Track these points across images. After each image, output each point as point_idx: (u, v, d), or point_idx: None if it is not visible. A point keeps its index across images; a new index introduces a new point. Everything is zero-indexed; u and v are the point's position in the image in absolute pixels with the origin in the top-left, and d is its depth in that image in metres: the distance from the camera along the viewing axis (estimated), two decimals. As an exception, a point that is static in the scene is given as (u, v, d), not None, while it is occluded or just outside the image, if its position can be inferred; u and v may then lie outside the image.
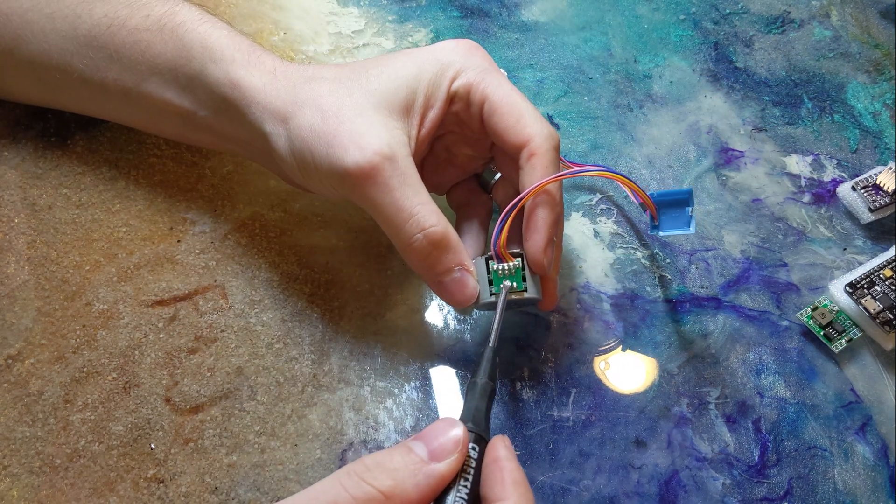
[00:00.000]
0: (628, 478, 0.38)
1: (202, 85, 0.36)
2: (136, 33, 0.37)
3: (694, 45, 0.53)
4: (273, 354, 0.39)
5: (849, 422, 0.40)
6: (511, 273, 0.35)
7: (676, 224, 0.38)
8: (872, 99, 0.51)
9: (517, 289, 0.35)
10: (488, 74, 0.36)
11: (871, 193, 0.45)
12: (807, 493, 0.38)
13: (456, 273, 0.35)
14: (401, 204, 0.33)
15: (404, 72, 0.36)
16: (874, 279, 0.42)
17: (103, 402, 0.37)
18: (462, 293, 0.35)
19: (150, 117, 0.40)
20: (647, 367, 0.41)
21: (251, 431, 0.37)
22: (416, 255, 0.34)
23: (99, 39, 0.37)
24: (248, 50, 0.37)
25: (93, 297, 0.39)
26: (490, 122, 0.36)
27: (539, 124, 0.35)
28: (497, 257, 0.35)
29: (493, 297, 0.35)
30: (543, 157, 0.35)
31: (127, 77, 0.38)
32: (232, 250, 0.41)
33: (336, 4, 0.51)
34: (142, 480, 0.35)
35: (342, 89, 0.35)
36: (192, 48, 0.36)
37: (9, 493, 0.35)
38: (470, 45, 0.37)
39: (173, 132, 0.41)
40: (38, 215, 0.41)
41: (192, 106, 0.37)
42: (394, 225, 0.34)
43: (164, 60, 0.37)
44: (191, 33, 0.37)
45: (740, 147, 0.48)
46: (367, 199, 0.34)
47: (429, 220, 0.34)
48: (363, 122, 0.34)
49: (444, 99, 0.36)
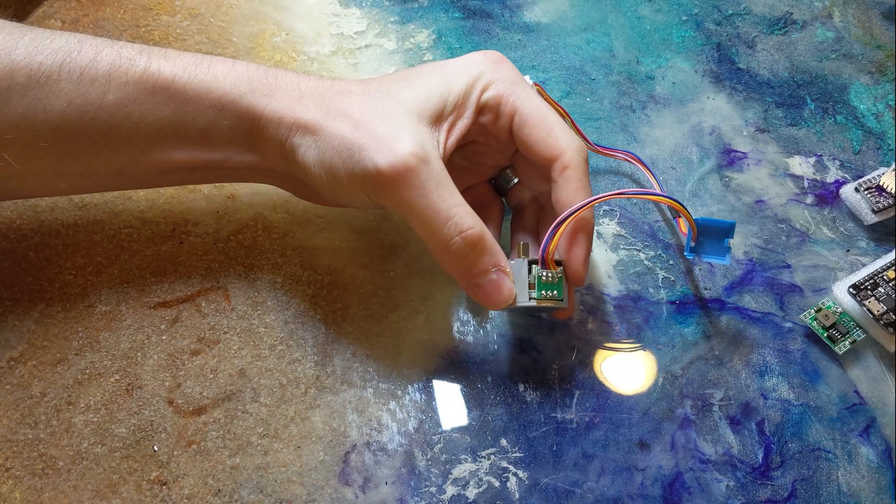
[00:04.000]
0: (632, 480, 0.38)
1: (221, 128, 0.34)
2: (119, 108, 0.32)
3: (696, 46, 0.52)
4: (276, 356, 0.39)
5: (852, 424, 0.40)
6: (554, 281, 0.36)
7: (714, 252, 0.39)
8: (875, 100, 0.51)
9: (557, 297, 0.36)
10: (518, 87, 0.36)
11: (874, 195, 0.45)
12: (811, 495, 0.38)
13: (493, 275, 0.35)
14: (438, 206, 0.33)
15: (434, 83, 0.35)
16: (878, 281, 0.42)
17: (106, 404, 0.37)
18: (499, 294, 0.35)
19: (155, 179, 0.37)
20: (650, 368, 0.41)
21: (254, 433, 0.37)
22: (454, 258, 0.34)
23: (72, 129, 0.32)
24: (261, 75, 0.34)
25: (95, 299, 0.39)
26: (520, 133, 0.36)
27: (569, 137, 0.36)
28: (543, 263, 0.36)
29: (533, 301, 0.35)
30: (577, 169, 0.35)
31: (123, 156, 0.34)
32: (234, 252, 0.41)
33: (338, 5, 0.51)
34: (145, 483, 0.35)
35: (372, 100, 0.34)
36: (198, 100, 0.33)
37: (11, 496, 0.35)
38: (498, 56, 0.37)
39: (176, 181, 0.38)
40: (40, 217, 0.41)
41: (209, 155, 0.35)
42: (431, 228, 0.33)
43: (167, 123, 0.33)
44: (191, 84, 0.33)
45: (743, 148, 0.48)
46: (402, 201, 0.33)
47: (466, 221, 0.33)
48: (395, 126, 0.33)
49: (473, 110, 0.36)
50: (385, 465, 0.37)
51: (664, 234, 0.45)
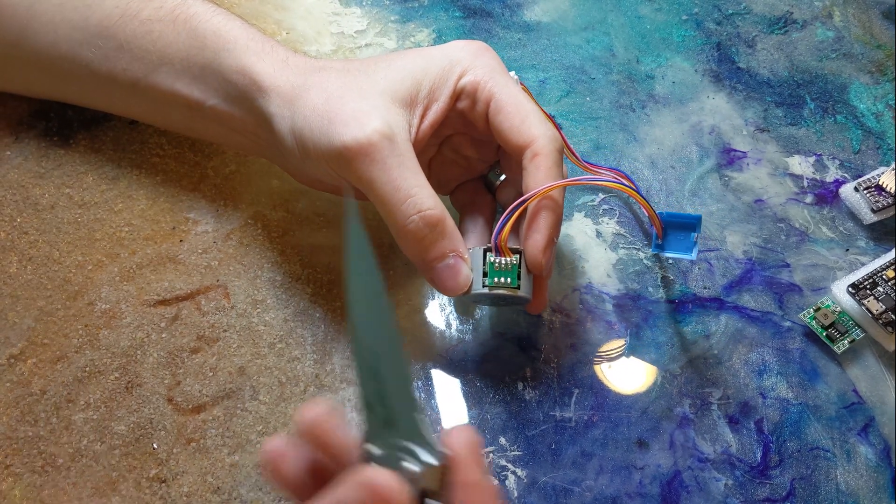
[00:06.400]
0: (630, 478, 0.38)
1: (213, 73, 0.37)
2: (147, 24, 0.37)
3: (696, 46, 0.52)
4: (275, 354, 0.39)
5: (851, 423, 0.40)
6: (507, 268, 0.35)
7: (680, 247, 0.38)
8: (875, 100, 0.51)
9: (511, 285, 0.35)
10: (497, 74, 0.36)
11: (873, 194, 0.45)
12: (809, 494, 0.38)
13: (450, 259, 0.35)
14: (398, 184, 0.33)
15: (411, 65, 0.36)
16: (877, 280, 0.42)
17: (105, 402, 0.37)
18: (454, 280, 0.35)
19: (158, 108, 0.40)
20: (649, 367, 0.41)
21: (253, 431, 0.37)
22: (411, 238, 0.34)
23: (110, 30, 0.38)
24: (261, 40, 0.37)
25: (95, 297, 0.39)
26: (495, 120, 0.36)
27: (544, 126, 0.35)
28: (497, 250, 0.35)
29: (485, 288, 0.35)
30: (547, 157, 0.35)
31: (136, 67, 0.38)
32: (234, 250, 0.41)
33: (338, 4, 0.51)
34: (144, 480, 0.35)
35: (349, 77, 0.36)
36: (205, 38, 0.37)
37: (11, 493, 0.35)
38: (480, 45, 0.37)
39: (179, 123, 0.41)
40: (41, 215, 0.41)
41: (202, 95, 0.38)
42: (390, 205, 0.34)
43: (175, 50, 0.37)
44: (204, 24, 0.37)
45: (743, 148, 0.48)
46: (364, 177, 0.33)
47: (426, 202, 0.33)
48: (364, 103, 0.34)
49: (449, 94, 0.36)
50: (384, 463, 0.37)
51: (663, 233, 0.45)
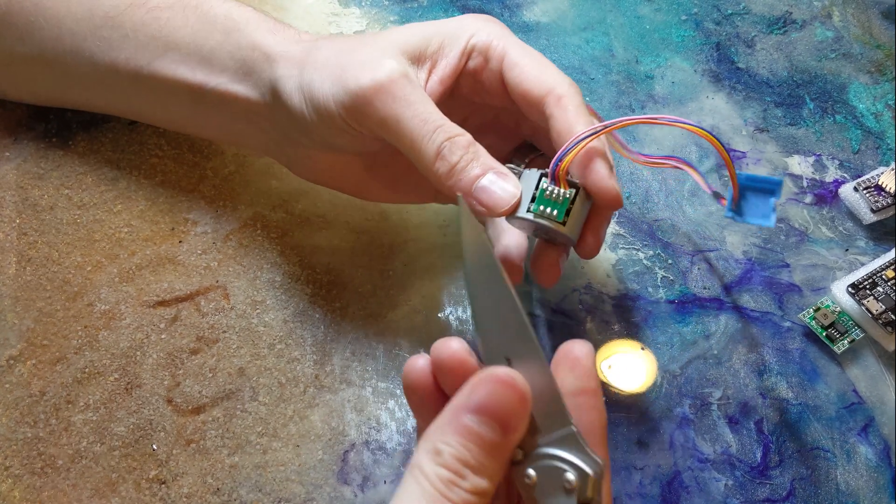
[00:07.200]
0: (630, 479, 0.38)
1: (222, 52, 0.37)
2: (155, 11, 0.38)
3: (696, 46, 0.52)
4: (275, 355, 0.39)
5: (851, 423, 0.40)
6: (559, 200, 0.32)
7: (757, 213, 0.35)
8: (874, 100, 0.51)
9: (556, 219, 0.32)
10: (509, 36, 0.36)
11: (873, 194, 0.45)
12: (809, 494, 0.38)
13: (491, 174, 0.33)
14: (425, 116, 0.33)
15: (423, 26, 0.36)
16: (876, 280, 0.42)
17: (105, 403, 0.37)
18: (500, 195, 0.32)
19: (158, 100, 0.40)
20: (649, 367, 0.41)
21: (253, 432, 0.37)
22: (447, 164, 0.33)
23: (116, 19, 0.38)
24: (273, 21, 0.38)
25: (94, 298, 0.39)
26: (510, 75, 0.35)
27: (562, 75, 0.35)
28: (553, 178, 0.32)
29: (530, 214, 0.32)
30: (573, 98, 0.34)
31: (140, 56, 0.38)
32: (234, 251, 0.41)
33: (337, 5, 0.51)
34: (143, 481, 0.35)
35: (360, 37, 0.36)
36: (215, 20, 0.37)
37: (10, 494, 0.35)
38: (491, 17, 0.37)
39: (179, 116, 0.40)
40: (40, 216, 0.41)
41: (205, 78, 0.37)
42: (419, 136, 0.33)
43: (182, 35, 0.37)
44: (216, 8, 0.38)
45: (742, 148, 0.48)
46: (388, 114, 0.33)
47: (455, 129, 0.33)
48: (377, 52, 0.34)
49: (459, 51, 0.36)
50: (384, 464, 0.37)
51: (663, 233, 0.45)
